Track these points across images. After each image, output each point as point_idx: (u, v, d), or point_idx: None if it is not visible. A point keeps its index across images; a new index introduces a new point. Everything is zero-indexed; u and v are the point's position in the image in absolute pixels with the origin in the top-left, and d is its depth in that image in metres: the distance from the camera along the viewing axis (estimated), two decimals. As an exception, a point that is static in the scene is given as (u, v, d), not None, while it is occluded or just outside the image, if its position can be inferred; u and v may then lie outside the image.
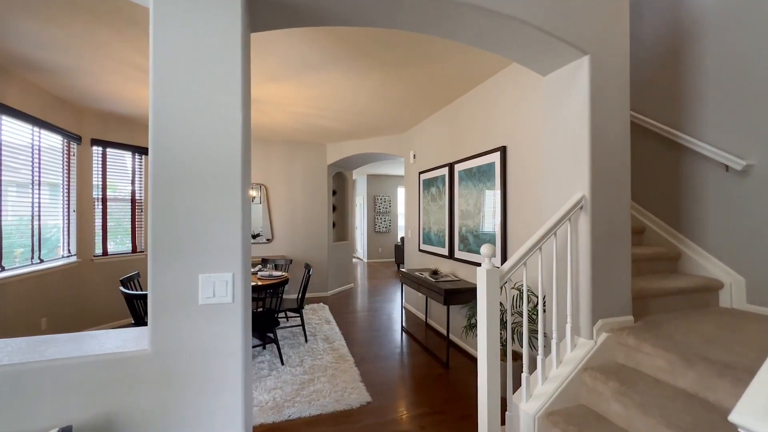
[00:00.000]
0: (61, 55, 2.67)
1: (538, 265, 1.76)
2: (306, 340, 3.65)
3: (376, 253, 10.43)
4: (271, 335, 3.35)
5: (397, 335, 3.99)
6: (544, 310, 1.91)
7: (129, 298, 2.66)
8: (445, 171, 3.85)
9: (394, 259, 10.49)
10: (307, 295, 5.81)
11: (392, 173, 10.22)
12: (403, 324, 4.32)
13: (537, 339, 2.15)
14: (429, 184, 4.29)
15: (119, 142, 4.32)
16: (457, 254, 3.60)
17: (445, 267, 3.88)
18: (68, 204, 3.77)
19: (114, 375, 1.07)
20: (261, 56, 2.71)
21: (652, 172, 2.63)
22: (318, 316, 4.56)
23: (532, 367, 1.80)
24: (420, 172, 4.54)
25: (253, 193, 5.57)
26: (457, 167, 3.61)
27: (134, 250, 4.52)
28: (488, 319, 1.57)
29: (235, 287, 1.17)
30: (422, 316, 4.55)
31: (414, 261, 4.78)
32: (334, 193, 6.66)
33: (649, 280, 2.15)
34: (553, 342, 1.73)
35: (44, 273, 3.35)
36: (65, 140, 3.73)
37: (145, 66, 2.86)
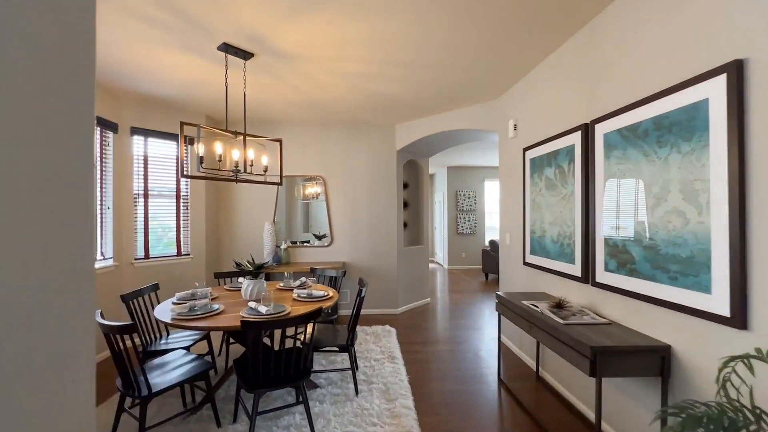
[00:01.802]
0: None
1: None
2: (357, 392, 2.54)
3: (459, 258, 8.97)
4: (304, 385, 2.32)
5: (493, 393, 2.62)
6: None
7: (107, 333, 1.87)
8: (575, 138, 2.36)
9: (481, 267, 8.90)
10: (373, 311, 4.76)
11: (477, 164, 8.65)
12: (501, 373, 2.92)
13: None
14: (541, 164, 2.81)
15: (162, 130, 3.82)
16: (602, 277, 2.10)
17: (576, 295, 2.39)
18: (102, 200, 3.33)
19: None
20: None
21: None
22: (380, 346, 3.44)
23: None
24: (525, 149, 3.08)
25: (313, 189, 4.73)
26: (602, 127, 2.10)
27: (179, 252, 4.02)
28: None
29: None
30: (530, 362, 3.07)
31: (517, 279, 3.32)
32: (405, 186, 5.50)
33: None
34: None
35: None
36: (98, 129, 3.29)
37: (162, 18, 2.10)
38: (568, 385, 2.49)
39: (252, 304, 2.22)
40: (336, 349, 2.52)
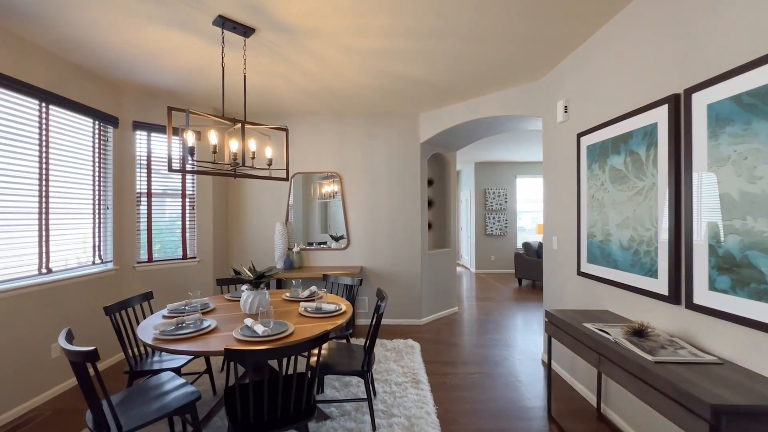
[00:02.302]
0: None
1: None
2: (374, 428, 2.10)
3: (487, 262, 8.36)
4: (307, 427, 1.91)
5: (543, 436, 2.11)
6: None
7: (70, 360, 1.51)
8: (658, 115, 1.81)
9: (513, 272, 8.25)
10: (394, 322, 4.30)
11: (508, 159, 8.02)
12: (551, 408, 2.38)
13: None
14: (603, 151, 2.26)
15: (166, 125, 3.53)
16: (706, 298, 1.54)
17: (660, 319, 1.83)
18: (99, 200, 3.06)
19: None
20: None
21: None
22: (402, 365, 2.98)
23: None
24: (580, 135, 2.53)
25: (330, 187, 4.34)
26: (705, 96, 1.55)
27: (185, 256, 3.73)
28: None
29: None
30: (586, 394, 2.52)
31: (568, 292, 2.77)
32: (430, 183, 5.01)
33: None
34: None
35: (66, 284, 2.63)
36: (96, 122, 3.03)
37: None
38: (647, 431, 1.94)
39: (248, 321, 1.82)
40: (353, 374, 2.08)
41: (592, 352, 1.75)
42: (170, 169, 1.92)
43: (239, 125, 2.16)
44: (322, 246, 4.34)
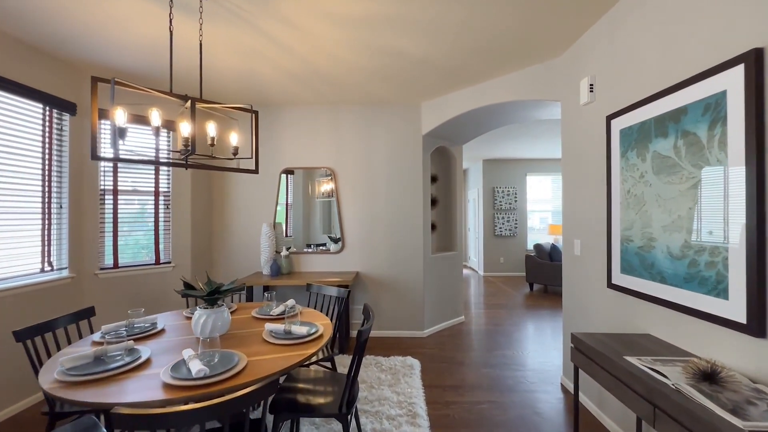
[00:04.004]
0: None
1: None
2: (356, 483, 1.67)
3: (496, 264, 7.87)
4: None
5: (570, 496, 1.66)
6: None
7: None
8: (728, 80, 1.35)
9: (523, 275, 7.76)
10: (393, 334, 3.87)
11: (519, 156, 7.52)
12: (577, 453, 1.93)
13: None
14: (643, 135, 1.80)
15: (133, 113, 3.16)
16: (812, 333, 1.09)
17: (734, 355, 1.37)
18: (48, 198, 2.69)
19: None
20: None
21: None
22: (398, 392, 2.54)
23: None
24: (610, 117, 2.07)
25: (329, 185, 3.93)
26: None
27: (157, 260, 3.35)
28: None
29: None
30: (618, 433, 2.06)
31: (596, 307, 2.31)
32: (433, 179, 4.57)
33: None
34: None
35: (1, 296, 2.26)
36: (47, 109, 2.66)
37: None
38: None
39: (186, 354, 1.40)
40: (327, 416, 1.66)
41: (641, 401, 1.30)
42: (93, 157, 1.52)
43: (190, 104, 1.75)
44: (320, 248, 3.93)
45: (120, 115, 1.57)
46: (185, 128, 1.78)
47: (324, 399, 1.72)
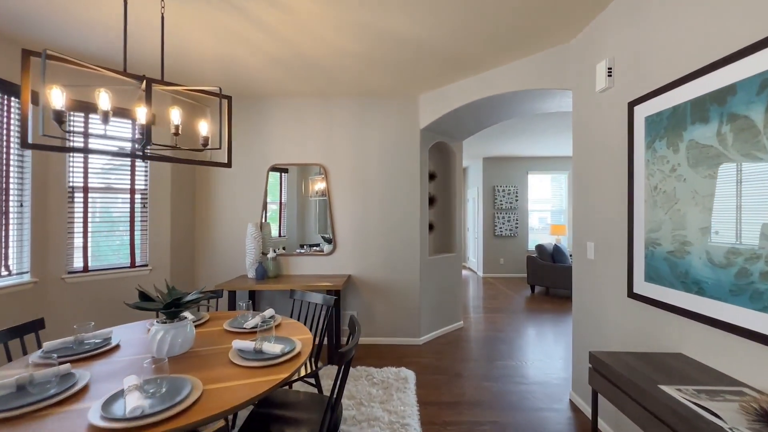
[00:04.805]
0: None
1: None
2: None
3: (496, 265, 7.63)
4: None
5: None
6: None
7: None
8: (792, 49, 1.10)
9: (524, 276, 7.52)
10: (387, 341, 3.62)
11: (520, 154, 7.27)
12: (595, 488, 1.68)
13: None
14: (675, 122, 1.55)
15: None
16: None
17: (791, 386, 1.12)
18: (6, 195, 2.43)
19: None
20: None
21: None
22: (389, 410, 2.29)
23: None
24: (632, 103, 1.82)
25: (322, 183, 3.67)
26: None
27: (132, 263, 3.09)
28: None
29: None
30: (640, 463, 1.81)
31: (614, 320, 2.06)
32: (431, 177, 4.31)
33: None
34: None
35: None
36: (4, 97, 2.40)
37: None
38: None
39: (128, 382, 1.15)
40: (302, 451, 1.41)
41: (686, 445, 1.05)
42: (23, 145, 1.27)
43: (145, 85, 1.49)
44: (314, 249, 3.68)
45: (57, 96, 1.32)
46: (141, 113, 1.53)
47: (302, 429, 1.47)
